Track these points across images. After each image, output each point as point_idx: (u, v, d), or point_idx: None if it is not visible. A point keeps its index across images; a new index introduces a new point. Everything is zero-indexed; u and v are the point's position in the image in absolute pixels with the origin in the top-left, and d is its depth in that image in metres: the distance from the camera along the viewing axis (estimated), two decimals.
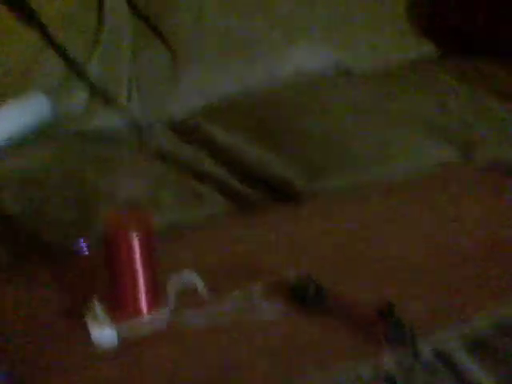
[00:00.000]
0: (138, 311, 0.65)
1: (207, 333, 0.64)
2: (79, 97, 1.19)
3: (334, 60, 1.34)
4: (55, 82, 1.17)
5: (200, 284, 0.67)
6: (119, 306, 0.65)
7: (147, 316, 0.65)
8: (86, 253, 0.76)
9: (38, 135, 1.13)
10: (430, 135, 1.09)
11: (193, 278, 0.67)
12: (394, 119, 1.14)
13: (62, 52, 1.17)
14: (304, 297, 0.67)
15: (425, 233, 0.80)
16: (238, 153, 1.09)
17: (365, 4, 1.38)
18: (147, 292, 0.65)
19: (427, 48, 1.41)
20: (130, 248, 0.64)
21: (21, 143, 1.09)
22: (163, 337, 0.64)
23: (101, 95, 1.21)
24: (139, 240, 0.64)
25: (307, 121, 1.15)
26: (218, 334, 0.64)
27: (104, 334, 0.63)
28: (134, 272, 0.65)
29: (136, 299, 0.65)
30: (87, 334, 0.64)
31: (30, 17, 1.16)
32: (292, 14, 1.30)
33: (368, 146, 1.08)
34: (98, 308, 0.65)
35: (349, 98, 1.24)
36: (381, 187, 0.93)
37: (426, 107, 1.18)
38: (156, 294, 0.66)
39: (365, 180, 0.99)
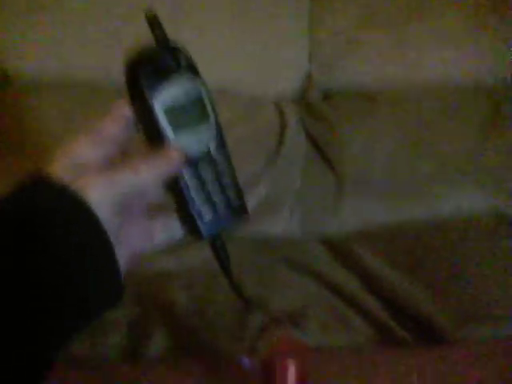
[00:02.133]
0: None
1: None
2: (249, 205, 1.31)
3: (494, 207, 1.36)
4: None
5: None
6: None
7: None
8: (250, 369, 0.82)
9: None
10: None
11: None
12: None
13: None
14: None
15: None
16: (390, 285, 1.12)
17: None
18: None
19: None
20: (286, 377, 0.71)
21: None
22: None
23: (268, 205, 1.32)
24: (296, 371, 0.71)
25: (461, 264, 1.16)
26: None
27: None
28: None
29: None
30: None
31: None
32: (459, 163, 1.36)
33: None
34: None
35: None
36: None
37: None
38: None
39: None
